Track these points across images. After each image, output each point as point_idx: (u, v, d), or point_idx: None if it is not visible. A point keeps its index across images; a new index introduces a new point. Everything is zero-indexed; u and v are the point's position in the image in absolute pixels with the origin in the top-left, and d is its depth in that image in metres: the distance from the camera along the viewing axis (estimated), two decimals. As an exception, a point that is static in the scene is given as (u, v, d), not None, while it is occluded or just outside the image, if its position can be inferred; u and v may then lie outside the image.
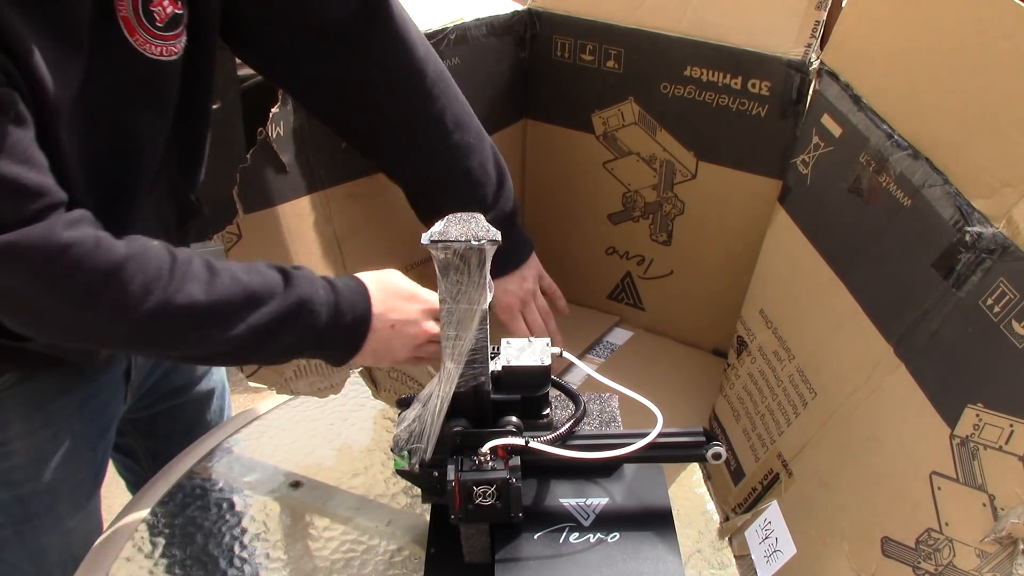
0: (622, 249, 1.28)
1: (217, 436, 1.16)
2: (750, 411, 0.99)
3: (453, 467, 0.70)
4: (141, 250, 0.77)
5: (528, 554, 0.71)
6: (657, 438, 0.74)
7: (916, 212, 0.77)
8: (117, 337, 0.80)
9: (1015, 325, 0.63)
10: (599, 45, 1.16)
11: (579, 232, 1.30)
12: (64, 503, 1.05)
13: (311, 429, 1.18)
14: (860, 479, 0.77)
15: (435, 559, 0.76)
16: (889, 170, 0.81)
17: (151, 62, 0.82)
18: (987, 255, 0.68)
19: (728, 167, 1.12)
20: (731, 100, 1.08)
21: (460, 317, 0.68)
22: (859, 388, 0.80)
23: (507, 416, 0.75)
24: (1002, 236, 0.66)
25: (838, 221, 0.89)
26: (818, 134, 0.95)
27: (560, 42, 1.19)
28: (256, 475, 1.09)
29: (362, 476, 1.08)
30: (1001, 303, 0.65)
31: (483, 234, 0.66)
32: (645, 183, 1.20)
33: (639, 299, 1.29)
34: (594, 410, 0.85)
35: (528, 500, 0.76)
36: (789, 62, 1.01)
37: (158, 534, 1.00)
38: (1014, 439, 0.61)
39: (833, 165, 0.91)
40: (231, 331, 0.79)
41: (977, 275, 0.68)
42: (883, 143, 0.82)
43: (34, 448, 0.99)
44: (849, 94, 0.89)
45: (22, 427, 0.98)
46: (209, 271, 0.80)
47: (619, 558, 0.71)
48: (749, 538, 0.88)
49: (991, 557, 0.61)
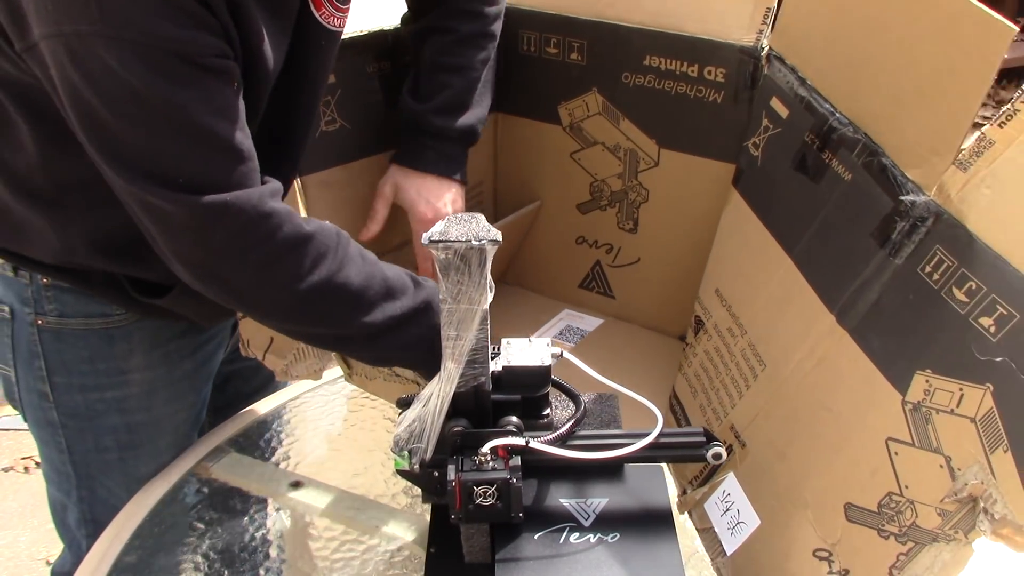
0: (591, 238, 1.30)
1: (217, 436, 1.16)
2: (706, 387, 1.01)
3: (453, 467, 0.70)
4: (319, 228, 0.83)
5: (528, 554, 0.71)
6: (657, 438, 0.74)
7: (856, 186, 0.79)
8: (277, 307, 0.86)
9: (955, 292, 0.65)
10: (563, 38, 1.19)
11: (549, 223, 1.32)
12: (166, 438, 1.13)
13: (311, 429, 1.18)
14: (817, 448, 0.79)
15: (435, 559, 0.76)
16: (831, 147, 0.83)
17: (330, 33, 0.90)
18: (920, 222, 0.70)
19: (688, 153, 1.14)
20: (689, 87, 1.10)
21: (460, 317, 0.68)
22: (804, 358, 0.82)
23: (507, 416, 0.75)
24: (934, 204, 0.69)
25: (786, 199, 0.91)
26: (767, 116, 0.97)
27: (526, 36, 1.22)
28: (256, 475, 1.09)
29: (362, 476, 1.08)
30: (939, 270, 0.67)
31: (483, 234, 0.66)
32: (611, 172, 1.23)
33: (609, 287, 1.31)
34: (594, 410, 0.85)
35: (528, 500, 0.76)
36: (742, 48, 1.03)
37: (159, 534, 1.00)
38: (964, 402, 0.64)
39: (781, 145, 0.94)
40: (370, 316, 0.85)
41: (913, 242, 0.71)
42: (825, 121, 0.85)
43: (149, 381, 1.08)
44: (795, 76, 0.92)
45: (143, 359, 1.07)
46: (361, 256, 0.86)
47: (619, 558, 0.71)
48: (710, 510, 0.89)
49: (952, 515, 0.64)
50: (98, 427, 1.08)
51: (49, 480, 1.15)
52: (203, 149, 0.77)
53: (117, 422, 1.08)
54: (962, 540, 0.63)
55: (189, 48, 0.73)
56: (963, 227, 0.66)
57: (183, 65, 0.74)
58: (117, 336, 1.04)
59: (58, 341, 1.03)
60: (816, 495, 0.77)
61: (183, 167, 0.76)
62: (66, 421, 1.07)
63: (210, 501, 1.05)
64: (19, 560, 2.07)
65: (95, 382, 1.06)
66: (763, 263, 0.92)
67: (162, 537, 1.00)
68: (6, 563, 2.05)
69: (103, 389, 1.06)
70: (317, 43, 0.89)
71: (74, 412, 1.07)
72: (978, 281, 0.64)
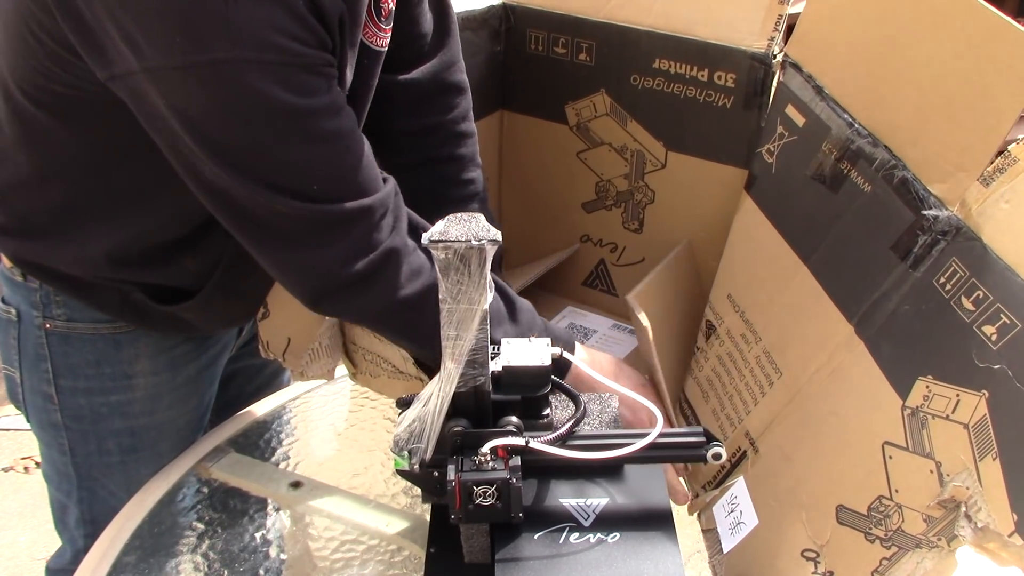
0: (596, 237, 1.30)
1: (217, 436, 1.16)
2: (718, 392, 1.01)
3: (453, 467, 0.70)
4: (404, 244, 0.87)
5: (528, 554, 0.71)
6: (657, 438, 0.74)
7: (875, 197, 0.80)
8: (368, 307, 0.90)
9: (964, 301, 0.67)
10: (571, 38, 1.19)
11: (554, 221, 1.33)
12: (167, 441, 1.14)
13: (311, 429, 1.18)
14: (819, 452, 0.80)
15: (435, 559, 0.76)
16: (850, 158, 0.84)
17: (375, 53, 0.93)
18: (942, 236, 0.71)
19: (695, 157, 1.15)
20: (698, 92, 1.11)
21: (460, 317, 0.68)
22: (821, 367, 0.83)
23: (507, 416, 0.75)
24: (956, 218, 0.70)
25: (801, 207, 0.92)
26: (782, 124, 0.98)
27: (534, 35, 1.23)
28: (256, 475, 1.09)
29: (362, 476, 1.08)
30: (952, 281, 0.69)
31: (483, 234, 0.66)
32: (617, 172, 1.23)
33: (612, 286, 1.32)
34: (594, 410, 0.85)
35: (528, 500, 0.76)
36: (753, 55, 1.04)
37: (158, 534, 1.00)
38: (960, 408, 0.64)
39: (797, 154, 0.94)
40: None
41: (932, 255, 0.71)
42: (844, 132, 0.85)
43: (154, 386, 1.09)
44: (812, 85, 0.92)
45: (149, 364, 1.08)
46: None
47: (619, 558, 0.71)
48: (716, 512, 0.90)
49: (936, 521, 0.64)
50: (101, 430, 1.08)
51: (50, 480, 1.15)
52: (333, 153, 0.81)
53: (120, 426, 1.09)
54: (945, 548, 0.63)
55: (313, 60, 0.77)
56: (979, 239, 0.67)
57: (311, 76, 0.77)
58: (124, 341, 1.05)
59: (65, 344, 1.04)
60: (812, 497, 0.78)
61: (315, 172, 0.81)
62: (70, 424, 1.07)
63: (210, 501, 1.05)
64: (19, 560, 2.07)
65: (100, 386, 1.06)
66: (778, 270, 0.93)
67: (162, 537, 1.00)
68: (6, 563, 2.05)
69: (108, 393, 1.07)
70: (361, 63, 0.91)
71: (78, 415, 1.07)
72: (986, 290, 0.65)
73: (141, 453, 1.12)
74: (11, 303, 1.04)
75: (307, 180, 0.80)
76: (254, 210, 0.81)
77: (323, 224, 0.82)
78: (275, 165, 0.79)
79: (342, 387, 1.25)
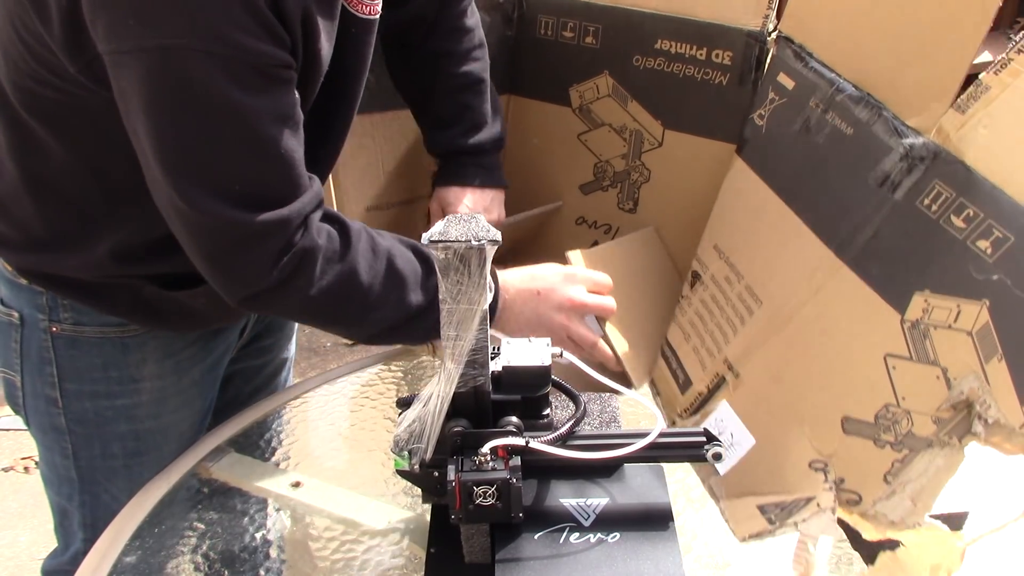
0: (591, 219, 1.33)
1: (217, 436, 1.16)
2: (700, 331, 1.04)
3: (453, 467, 0.70)
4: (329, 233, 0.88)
5: (528, 554, 0.71)
6: (657, 438, 0.74)
7: (857, 138, 0.85)
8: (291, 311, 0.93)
9: (954, 219, 0.72)
10: (579, 22, 1.23)
11: (552, 203, 1.35)
12: (171, 444, 1.14)
13: (311, 429, 1.18)
14: (814, 369, 0.84)
15: (435, 559, 0.76)
16: (835, 108, 0.89)
17: (362, 21, 0.92)
18: (919, 161, 0.76)
19: (691, 134, 1.19)
20: (696, 70, 1.16)
21: (460, 317, 0.68)
22: (802, 289, 0.87)
23: (507, 416, 0.75)
24: (933, 144, 0.75)
25: (788, 158, 0.97)
26: (774, 90, 1.02)
27: (544, 20, 1.27)
28: (256, 475, 1.09)
29: (362, 476, 1.08)
30: (938, 202, 0.74)
31: (483, 234, 0.66)
32: (615, 153, 1.26)
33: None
34: (594, 410, 0.85)
35: (528, 500, 0.76)
36: (749, 32, 1.10)
37: (158, 534, 1.00)
38: (962, 317, 0.69)
39: (786, 113, 0.99)
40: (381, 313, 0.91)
41: (911, 179, 0.77)
42: (830, 87, 0.90)
43: (160, 389, 1.10)
44: (804, 53, 0.98)
45: (155, 368, 1.08)
46: (372, 251, 0.90)
47: (619, 558, 0.71)
48: None
49: (947, 422, 0.69)
50: (106, 434, 1.08)
51: (49, 484, 1.15)
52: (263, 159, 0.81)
53: (125, 429, 1.09)
54: (956, 446, 0.68)
55: (265, 60, 0.77)
56: (961, 163, 0.72)
57: (258, 76, 0.77)
58: (131, 345, 1.05)
59: (72, 348, 1.03)
60: (812, 411, 0.82)
61: (241, 174, 0.80)
62: (74, 427, 1.07)
63: (210, 501, 1.05)
64: (19, 560, 2.07)
65: (107, 389, 1.06)
66: (762, 215, 0.97)
67: (162, 537, 1.00)
68: (6, 563, 2.05)
69: (114, 397, 1.07)
70: (347, 31, 0.91)
71: (82, 418, 1.07)
72: (976, 208, 0.70)
73: (145, 456, 1.12)
74: (13, 306, 1.03)
75: (231, 180, 0.80)
76: (181, 210, 0.81)
77: (239, 236, 0.82)
78: (204, 160, 0.79)
79: (342, 387, 1.25)
